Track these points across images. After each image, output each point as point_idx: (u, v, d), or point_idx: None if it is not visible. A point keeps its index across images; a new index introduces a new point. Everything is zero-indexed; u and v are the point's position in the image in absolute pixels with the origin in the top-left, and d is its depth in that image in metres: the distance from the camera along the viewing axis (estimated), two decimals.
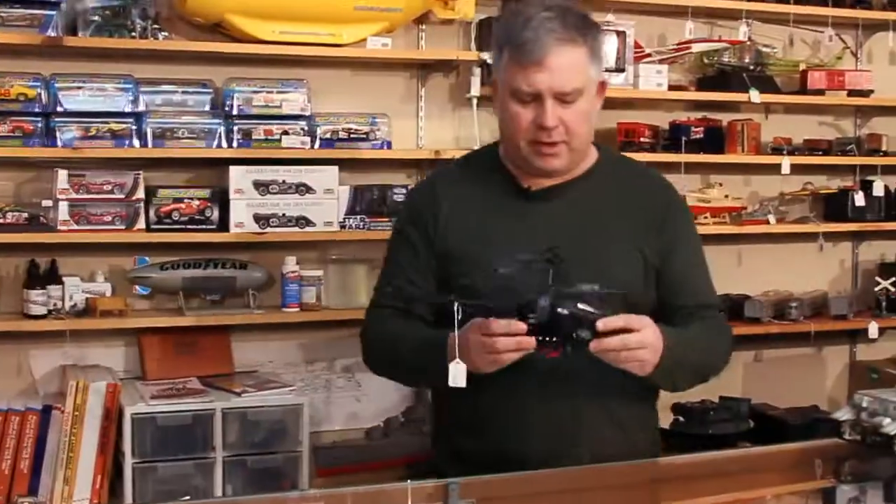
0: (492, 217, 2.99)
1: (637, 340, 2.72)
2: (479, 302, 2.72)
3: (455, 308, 2.68)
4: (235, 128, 4.52)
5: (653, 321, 2.80)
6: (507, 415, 2.95)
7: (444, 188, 3.09)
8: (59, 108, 4.31)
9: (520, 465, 2.79)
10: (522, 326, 2.66)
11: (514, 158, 3.02)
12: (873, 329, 5.49)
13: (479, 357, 2.73)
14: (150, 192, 4.44)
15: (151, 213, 4.43)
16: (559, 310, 2.65)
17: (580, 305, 2.67)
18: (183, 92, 4.52)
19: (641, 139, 5.09)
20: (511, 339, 2.68)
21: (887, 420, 2.68)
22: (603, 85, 3.01)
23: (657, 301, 3.01)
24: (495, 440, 2.96)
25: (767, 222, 5.34)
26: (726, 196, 5.28)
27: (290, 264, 4.62)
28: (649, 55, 5.14)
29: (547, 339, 2.66)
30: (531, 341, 2.67)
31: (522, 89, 2.87)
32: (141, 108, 4.41)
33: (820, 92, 5.51)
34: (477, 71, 4.90)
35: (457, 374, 2.72)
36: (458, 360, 2.71)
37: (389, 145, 4.80)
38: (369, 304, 3.21)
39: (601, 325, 2.67)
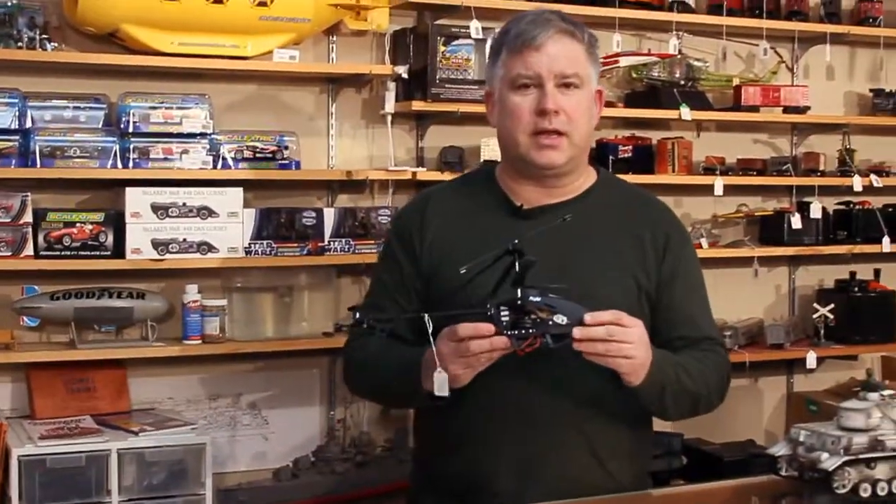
0: (480, 236, 2.98)
1: (623, 332, 2.73)
2: (449, 312, 2.77)
3: (426, 321, 2.71)
4: (132, 146, 4.44)
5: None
6: (478, 436, 2.96)
7: (435, 205, 3.13)
8: None
9: (489, 488, 2.92)
10: (490, 327, 2.68)
11: (512, 162, 3.06)
12: (811, 359, 5.49)
13: (455, 365, 2.75)
14: (39, 215, 4.35)
15: (40, 238, 4.33)
16: (531, 298, 2.67)
17: (552, 295, 2.69)
18: (74, 107, 4.45)
19: None
20: (483, 340, 2.69)
21: (825, 455, 2.66)
22: (601, 94, 3.09)
23: (652, 333, 2.98)
24: (465, 462, 2.97)
25: (700, 246, 5.31)
26: None
27: (192, 293, 4.55)
28: None
29: (523, 331, 2.67)
30: (503, 339, 2.68)
31: (522, 73, 2.95)
32: (28, 124, 4.33)
33: (754, 108, 5.53)
34: (392, 86, 4.85)
35: (441, 384, 2.73)
36: (440, 369, 2.72)
37: (298, 165, 4.75)
38: (352, 321, 3.24)
39: (589, 317, 2.69)
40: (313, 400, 4.95)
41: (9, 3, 4.28)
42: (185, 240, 4.47)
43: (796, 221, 5.55)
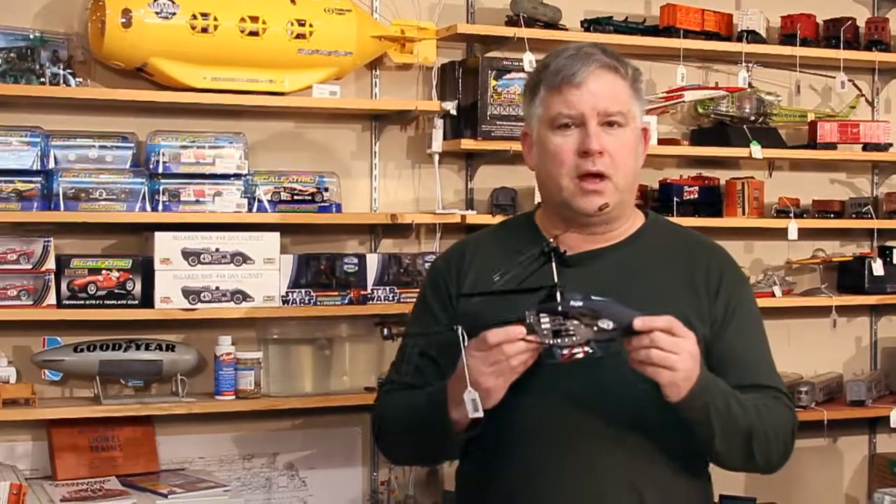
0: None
1: (671, 342, 2.70)
2: (485, 323, 2.75)
3: (460, 333, 2.72)
4: (161, 188, 4.47)
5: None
6: (519, 490, 2.95)
7: (472, 254, 3.16)
8: None
9: None
10: (521, 330, 2.69)
11: (555, 208, 3.07)
12: None
13: (486, 377, 2.74)
14: (62, 261, 4.37)
15: (63, 286, 4.36)
16: (573, 303, 2.67)
17: (595, 298, 2.69)
18: (100, 146, 4.47)
19: None
20: (519, 343, 2.70)
21: None
22: (646, 132, 3.11)
23: None
24: None
25: (773, 295, 5.30)
26: None
27: (225, 345, 4.56)
28: None
29: (566, 340, 2.66)
30: (536, 339, 2.69)
31: (563, 112, 2.96)
32: (51, 164, 4.36)
33: (831, 146, 5.51)
34: (439, 123, 4.87)
35: (474, 404, 2.72)
36: (469, 389, 2.71)
37: (339, 208, 4.77)
38: (385, 379, 3.26)
39: (639, 322, 2.69)
40: (355, 460, 4.95)
41: (31, 37, 4.34)
42: (217, 288, 4.49)
43: (878, 268, 5.52)
